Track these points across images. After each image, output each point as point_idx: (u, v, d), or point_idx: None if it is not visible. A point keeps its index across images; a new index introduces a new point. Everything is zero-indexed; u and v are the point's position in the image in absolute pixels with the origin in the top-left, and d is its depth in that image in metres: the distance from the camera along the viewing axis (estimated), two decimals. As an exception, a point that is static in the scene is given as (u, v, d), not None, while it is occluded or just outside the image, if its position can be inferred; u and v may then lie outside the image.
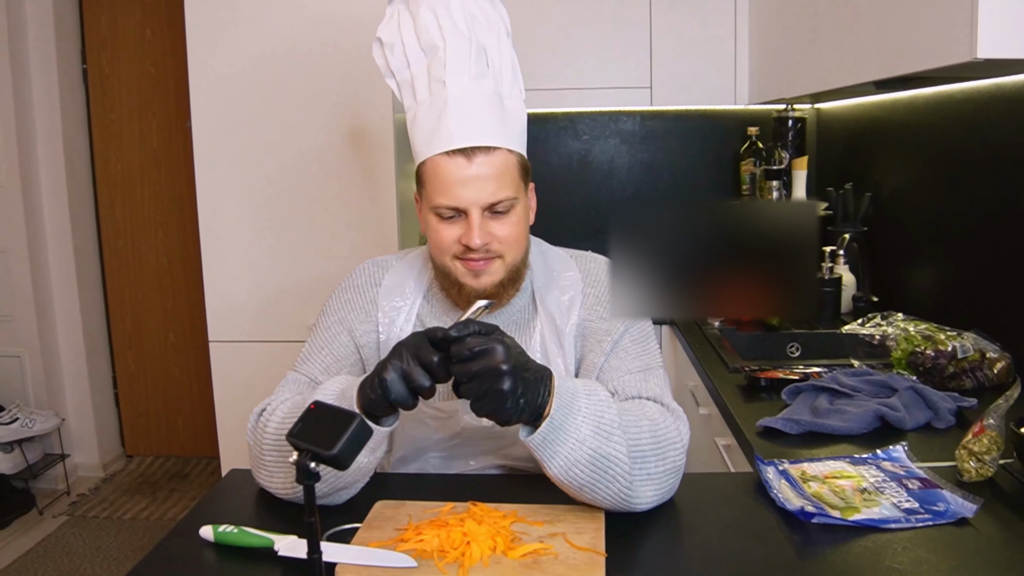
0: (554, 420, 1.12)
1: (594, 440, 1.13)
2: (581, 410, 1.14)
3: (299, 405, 1.27)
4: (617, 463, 1.14)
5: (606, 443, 1.14)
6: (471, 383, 1.07)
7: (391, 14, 1.37)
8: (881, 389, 1.73)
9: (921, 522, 1.18)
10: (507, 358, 1.07)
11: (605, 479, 1.14)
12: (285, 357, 2.89)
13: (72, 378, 4.07)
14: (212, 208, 2.94)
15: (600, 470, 1.14)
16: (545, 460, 1.14)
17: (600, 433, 1.14)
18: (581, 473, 1.14)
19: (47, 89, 3.85)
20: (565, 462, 1.13)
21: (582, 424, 1.13)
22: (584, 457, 1.13)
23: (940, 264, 2.27)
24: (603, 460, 1.14)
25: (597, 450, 1.13)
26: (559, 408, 1.12)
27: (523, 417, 1.11)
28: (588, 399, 1.16)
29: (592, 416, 1.14)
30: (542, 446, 1.13)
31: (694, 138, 3.38)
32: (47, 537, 3.45)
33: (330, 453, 0.90)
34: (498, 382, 1.06)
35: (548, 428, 1.12)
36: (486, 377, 1.06)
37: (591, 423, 1.14)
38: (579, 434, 1.13)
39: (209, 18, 2.84)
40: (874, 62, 1.85)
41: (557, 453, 1.13)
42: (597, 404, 1.16)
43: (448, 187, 1.28)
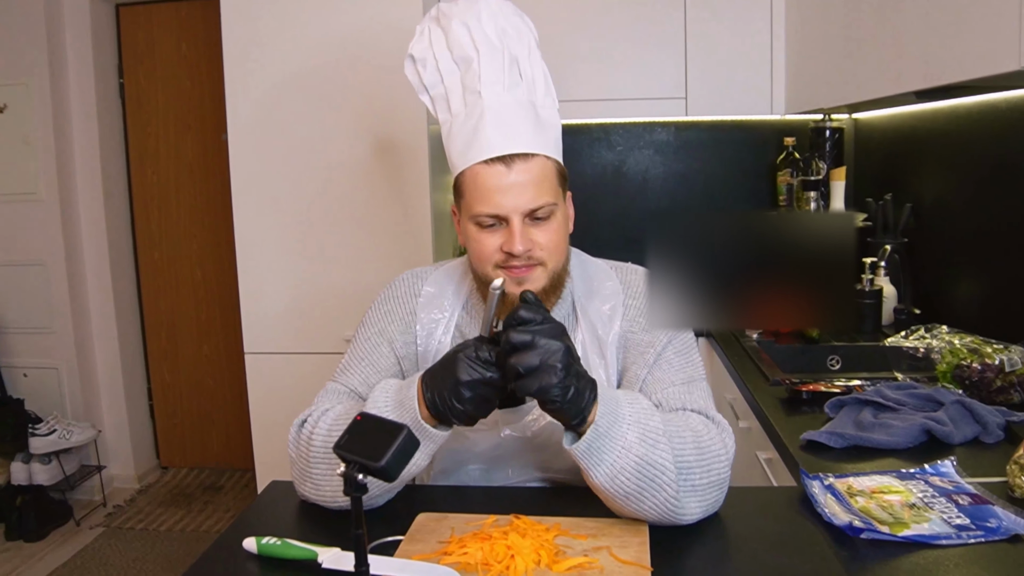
0: (599, 427, 1.11)
1: (640, 447, 1.13)
2: (626, 417, 1.14)
3: (343, 414, 1.28)
4: (664, 471, 1.13)
5: (652, 450, 1.13)
6: (525, 352, 1.07)
7: (422, 31, 1.39)
8: (926, 403, 1.70)
9: (973, 538, 1.15)
10: (564, 339, 1.08)
11: (652, 488, 1.13)
12: (320, 369, 2.90)
13: (108, 390, 4.11)
14: (248, 220, 2.96)
15: (647, 478, 1.13)
16: (590, 468, 1.13)
17: (646, 440, 1.13)
18: (627, 481, 1.13)
19: (85, 103, 3.91)
20: (611, 470, 1.13)
21: (628, 431, 1.13)
22: (630, 464, 1.12)
23: (984, 276, 2.23)
24: (649, 468, 1.13)
25: (643, 457, 1.12)
26: (604, 415, 1.12)
27: (567, 406, 1.09)
28: (631, 407, 1.16)
29: (637, 423, 1.14)
30: (587, 453, 1.12)
31: (729, 149, 3.36)
32: (84, 548, 3.48)
33: (378, 465, 0.90)
34: (553, 358, 1.06)
35: (593, 435, 1.11)
36: (542, 351, 1.07)
37: (636, 430, 1.13)
38: (625, 441, 1.12)
39: (245, 33, 2.87)
40: (918, 71, 1.82)
41: (603, 461, 1.12)
42: (641, 412, 1.16)
43: (488, 195, 1.28)
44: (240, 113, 2.91)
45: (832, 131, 3.06)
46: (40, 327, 3.91)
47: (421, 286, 1.49)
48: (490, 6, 1.34)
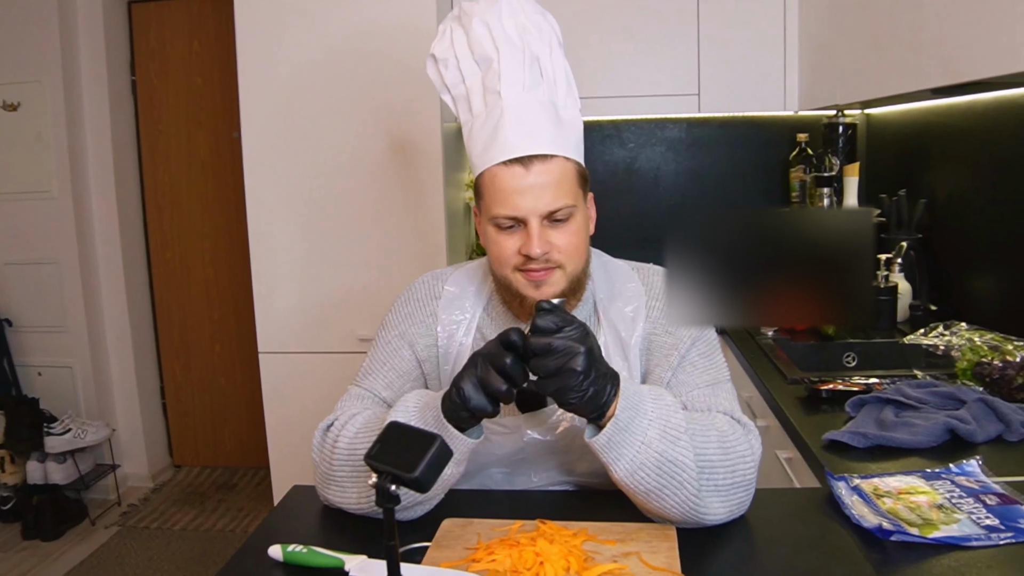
0: (619, 421, 1.12)
1: (661, 443, 1.13)
2: (647, 413, 1.14)
3: (371, 420, 1.27)
4: (684, 468, 1.13)
5: (673, 447, 1.13)
6: (546, 357, 1.08)
7: (443, 31, 1.38)
8: (948, 401, 1.69)
9: (1004, 539, 1.15)
10: (586, 340, 1.08)
11: (672, 485, 1.13)
12: (335, 368, 2.91)
13: (121, 389, 4.12)
14: (261, 219, 2.95)
15: (667, 475, 1.13)
16: (611, 462, 1.14)
17: (667, 437, 1.13)
18: (647, 477, 1.13)
19: (97, 101, 3.91)
20: (631, 465, 1.13)
21: (648, 427, 1.13)
22: (651, 460, 1.12)
23: (1001, 272, 2.22)
24: (670, 465, 1.13)
25: (664, 454, 1.12)
26: (625, 409, 1.12)
27: (585, 405, 1.10)
28: (655, 403, 1.16)
29: (659, 419, 1.14)
30: (607, 447, 1.13)
31: (742, 145, 3.35)
32: (100, 548, 3.49)
33: (412, 476, 0.89)
34: (573, 360, 1.07)
35: (613, 429, 1.12)
36: (563, 353, 1.07)
37: (658, 426, 1.13)
38: (645, 437, 1.12)
39: (259, 30, 2.86)
40: (937, 68, 1.81)
41: (623, 455, 1.13)
42: (664, 408, 1.16)
43: (506, 196, 1.27)
44: (253, 111, 2.91)
45: (845, 127, 3.04)
46: (54, 326, 3.92)
47: (442, 287, 1.48)
48: (511, 4, 1.32)
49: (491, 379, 1.10)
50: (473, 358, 1.13)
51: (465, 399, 1.11)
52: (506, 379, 1.10)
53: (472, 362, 1.13)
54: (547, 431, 1.37)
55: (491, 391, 1.10)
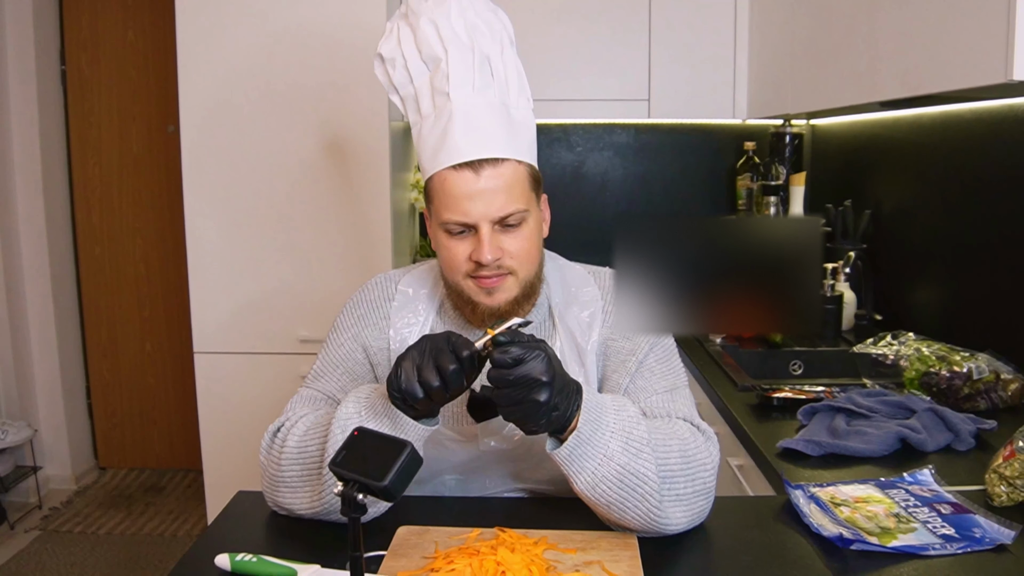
0: (581, 434, 1.09)
1: (623, 456, 1.10)
2: (609, 425, 1.11)
3: (319, 419, 1.23)
4: (646, 481, 1.11)
5: (635, 460, 1.11)
6: (507, 389, 1.04)
7: (391, 29, 1.33)
8: (899, 410, 1.71)
9: (960, 548, 1.16)
10: (548, 370, 1.04)
11: (634, 497, 1.11)
12: (274, 369, 2.84)
13: (45, 388, 3.95)
14: (199, 216, 2.86)
15: (628, 488, 1.10)
16: (572, 475, 1.11)
17: (629, 449, 1.11)
18: (608, 490, 1.11)
19: (24, 90, 3.75)
20: (592, 478, 1.10)
21: (610, 440, 1.10)
22: (612, 473, 1.10)
23: (946, 283, 2.26)
24: (631, 477, 1.10)
25: (625, 467, 1.10)
26: (586, 423, 1.10)
27: (543, 429, 1.08)
28: (617, 415, 1.13)
29: (621, 432, 1.11)
30: (568, 460, 1.10)
31: (690, 152, 3.37)
32: (19, 552, 3.34)
33: (381, 484, 0.84)
34: (535, 392, 1.04)
35: (575, 442, 1.09)
36: (523, 386, 1.04)
37: (620, 439, 1.11)
38: (607, 449, 1.10)
39: (199, 22, 2.76)
40: (894, 81, 1.83)
41: (584, 468, 1.10)
42: (626, 420, 1.13)
43: (456, 202, 1.23)
44: (193, 105, 2.81)
45: (792, 136, 3.08)
46: (-28, 322, 3.74)
47: (395, 289, 1.44)
48: (460, 2, 1.28)
49: (427, 372, 1.07)
50: (421, 341, 1.10)
51: (399, 378, 1.07)
52: (441, 380, 1.07)
53: (418, 347, 1.09)
54: (504, 440, 1.33)
55: (424, 382, 1.07)
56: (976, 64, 1.46)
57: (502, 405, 1.06)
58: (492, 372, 1.05)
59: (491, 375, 1.05)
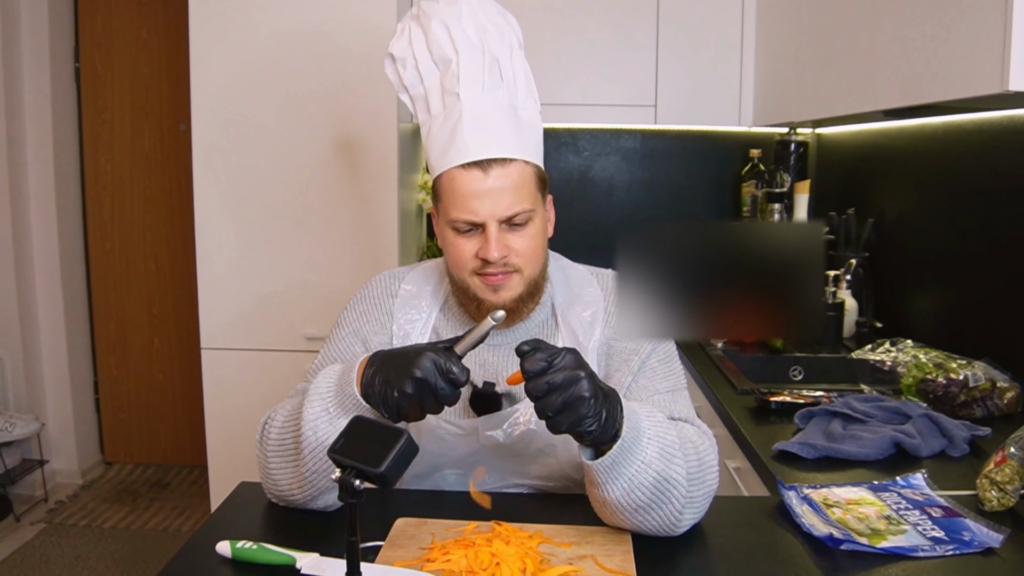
0: (625, 442, 1.09)
1: (659, 462, 1.11)
2: (646, 431, 1.12)
3: (297, 407, 1.23)
4: (677, 485, 1.12)
5: (669, 465, 1.12)
6: (549, 396, 1.03)
7: (402, 29, 1.36)
8: (894, 416, 1.73)
9: (949, 551, 1.17)
10: (582, 364, 1.05)
11: (662, 501, 1.12)
12: (280, 366, 2.87)
13: (53, 382, 3.99)
14: (209, 213, 2.89)
15: (660, 492, 1.12)
16: (606, 483, 1.11)
17: (664, 456, 1.12)
18: (642, 495, 1.11)
19: (38, 87, 3.79)
20: (629, 484, 1.11)
21: (648, 446, 1.11)
22: (649, 480, 1.11)
23: (945, 292, 2.27)
24: (665, 483, 1.12)
25: (661, 472, 1.11)
26: (628, 429, 1.09)
27: (603, 431, 1.06)
28: (649, 420, 1.14)
29: (656, 438, 1.12)
30: (608, 469, 1.10)
31: (695, 158, 3.39)
32: (24, 545, 3.38)
33: (378, 471, 0.87)
34: (578, 387, 1.02)
35: (619, 451, 1.09)
36: (565, 386, 1.02)
37: (656, 445, 1.12)
38: (645, 456, 1.11)
39: (213, 22, 2.80)
40: (893, 90, 1.85)
41: (622, 475, 1.10)
42: (658, 426, 1.14)
43: (464, 200, 1.26)
44: (205, 104, 2.85)
45: (797, 144, 3.10)
46: (-17, 315, 3.78)
47: (398, 286, 1.46)
48: (471, 4, 1.31)
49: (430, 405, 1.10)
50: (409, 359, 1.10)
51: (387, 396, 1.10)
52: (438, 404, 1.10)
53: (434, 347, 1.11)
54: (505, 434, 1.35)
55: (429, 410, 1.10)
56: (972, 74, 1.48)
57: (550, 415, 1.03)
58: (529, 385, 1.04)
59: (529, 388, 1.04)
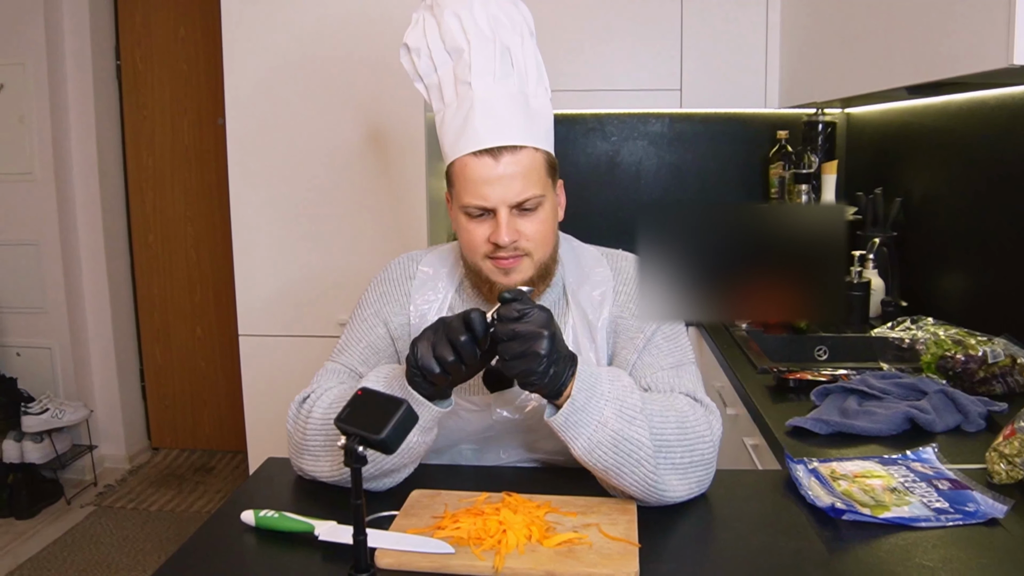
0: (576, 401, 1.15)
1: (616, 422, 1.16)
2: (604, 394, 1.17)
3: (343, 392, 1.31)
4: (640, 446, 1.17)
5: (628, 426, 1.17)
6: (511, 342, 1.11)
7: (416, 20, 1.40)
8: (911, 392, 1.74)
9: (951, 521, 1.18)
10: (549, 325, 1.11)
11: (629, 463, 1.17)
12: (314, 352, 2.93)
13: (101, 370, 4.13)
14: (244, 204, 2.97)
15: (623, 453, 1.16)
16: (569, 440, 1.17)
17: (622, 416, 1.17)
18: (604, 455, 1.16)
19: (81, 85, 3.91)
20: (588, 443, 1.16)
21: (604, 407, 1.16)
22: (606, 439, 1.16)
23: (971, 270, 2.27)
24: (625, 443, 1.16)
25: (619, 432, 1.16)
26: (581, 390, 1.15)
27: (545, 386, 1.13)
28: (611, 384, 1.19)
29: (615, 399, 1.17)
30: (565, 426, 1.16)
31: (723, 141, 3.39)
32: (75, 527, 3.51)
33: (378, 437, 0.93)
34: (536, 344, 1.10)
35: (570, 409, 1.15)
36: (527, 338, 1.10)
37: (614, 406, 1.17)
38: (601, 416, 1.16)
39: (244, 17, 2.88)
40: (908, 67, 1.85)
41: (580, 434, 1.16)
42: (620, 389, 1.19)
43: (476, 186, 1.30)
44: (238, 98, 2.92)
45: (825, 125, 3.09)
46: (34, 307, 3.92)
47: (416, 268, 1.52)
48: None
49: (442, 348, 1.13)
50: (436, 323, 1.17)
51: (416, 356, 1.15)
52: (456, 353, 1.13)
53: (434, 326, 1.17)
54: (515, 410, 1.40)
55: (439, 357, 1.14)
56: (979, 49, 1.49)
57: (506, 358, 1.11)
58: (498, 326, 1.12)
59: (496, 329, 1.12)
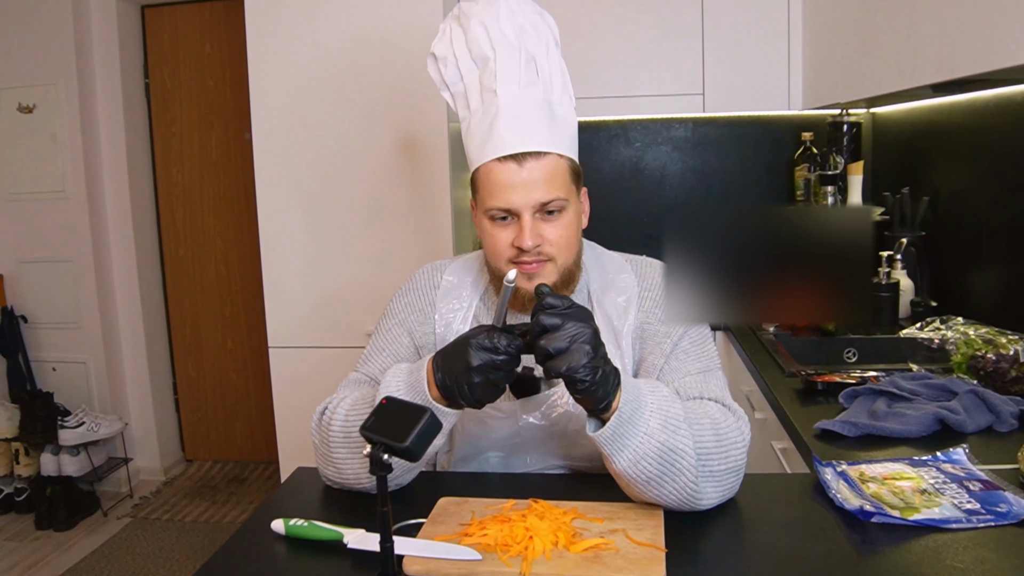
0: (623, 414, 1.14)
1: (662, 433, 1.16)
2: (648, 404, 1.17)
3: (361, 397, 1.32)
4: (684, 456, 1.16)
5: (674, 436, 1.16)
6: (556, 332, 1.10)
7: (443, 30, 1.43)
8: (941, 393, 1.72)
9: (983, 522, 1.17)
10: (592, 321, 1.12)
11: (672, 472, 1.16)
12: (343, 362, 2.95)
13: (134, 384, 4.19)
14: (272, 217, 3.00)
15: (668, 463, 1.16)
16: (613, 454, 1.16)
17: (668, 427, 1.16)
18: (649, 467, 1.16)
19: (111, 103, 3.98)
20: (634, 455, 1.15)
21: (650, 418, 1.16)
22: (653, 450, 1.15)
23: (1001, 268, 2.24)
24: (671, 453, 1.16)
25: (665, 443, 1.15)
26: (627, 402, 1.14)
27: (596, 388, 1.11)
28: (653, 394, 1.19)
29: (659, 410, 1.17)
30: (611, 440, 1.15)
31: (747, 144, 3.38)
32: (112, 538, 3.55)
33: (403, 445, 0.94)
34: (581, 338, 1.09)
35: (617, 422, 1.14)
36: (574, 328, 1.10)
37: (659, 416, 1.16)
38: (648, 427, 1.15)
39: (269, 33, 2.91)
40: (931, 65, 1.84)
41: (626, 447, 1.15)
42: (662, 399, 1.19)
43: (500, 191, 1.32)
44: (264, 112, 2.96)
45: (850, 126, 3.07)
46: (68, 322, 3.99)
47: (440, 277, 1.53)
48: (509, 4, 1.37)
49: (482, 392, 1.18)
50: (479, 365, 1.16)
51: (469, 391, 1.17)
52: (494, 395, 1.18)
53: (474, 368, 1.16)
54: (543, 416, 1.41)
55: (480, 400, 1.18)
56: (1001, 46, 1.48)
57: (551, 353, 1.10)
58: (543, 316, 1.11)
59: (541, 319, 1.11)
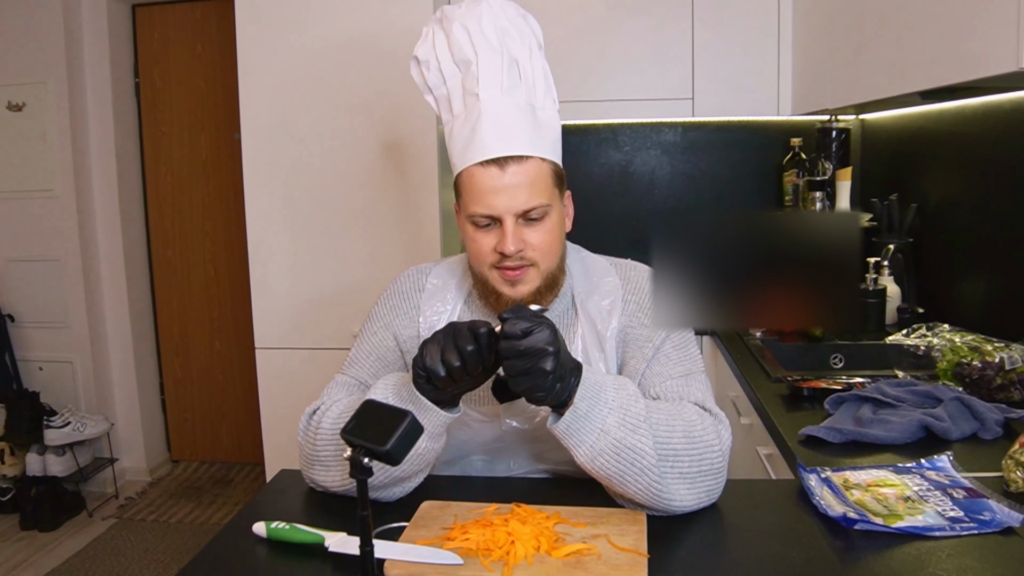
0: (578, 410, 1.15)
1: (619, 431, 1.16)
2: (608, 402, 1.17)
3: (352, 403, 1.31)
4: (643, 455, 1.16)
5: (631, 435, 1.17)
6: (517, 360, 1.10)
7: (426, 33, 1.42)
8: (926, 399, 1.72)
9: (966, 530, 1.17)
10: (553, 341, 1.11)
11: (632, 471, 1.17)
12: (330, 364, 2.93)
13: (121, 384, 4.17)
14: (260, 218, 3.00)
15: (626, 461, 1.16)
16: (572, 448, 1.18)
17: (626, 424, 1.17)
18: (607, 463, 1.17)
19: (101, 103, 3.97)
20: (591, 451, 1.17)
21: (608, 415, 1.17)
22: (608, 447, 1.16)
23: (988, 275, 2.25)
24: (628, 451, 1.16)
25: (621, 441, 1.16)
26: (583, 399, 1.16)
27: (552, 399, 1.14)
28: (616, 392, 1.19)
29: (618, 408, 1.17)
30: (567, 434, 1.17)
31: (736, 149, 3.38)
32: (96, 539, 3.54)
33: (383, 448, 0.94)
34: (542, 361, 1.09)
35: (571, 417, 1.16)
36: (531, 356, 1.10)
37: (617, 415, 1.17)
38: (603, 424, 1.16)
39: (258, 34, 2.91)
40: (920, 72, 1.84)
41: (583, 442, 1.17)
42: (625, 398, 1.19)
43: (482, 196, 1.31)
44: (253, 113, 2.95)
45: (839, 132, 3.08)
46: (55, 322, 3.97)
47: (425, 280, 1.53)
48: (492, 7, 1.36)
49: (449, 354, 1.13)
50: (447, 327, 1.17)
51: (423, 357, 1.15)
52: (462, 361, 1.13)
53: (444, 330, 1.17)
54: (525, 420, 1.40)
55: (446, 362, 1.14)
56: (988, 54, 1.48)
57: (512, 375, 1.11)
58: (503, 344, 1.11)
59: (501, 347, 1.11)
